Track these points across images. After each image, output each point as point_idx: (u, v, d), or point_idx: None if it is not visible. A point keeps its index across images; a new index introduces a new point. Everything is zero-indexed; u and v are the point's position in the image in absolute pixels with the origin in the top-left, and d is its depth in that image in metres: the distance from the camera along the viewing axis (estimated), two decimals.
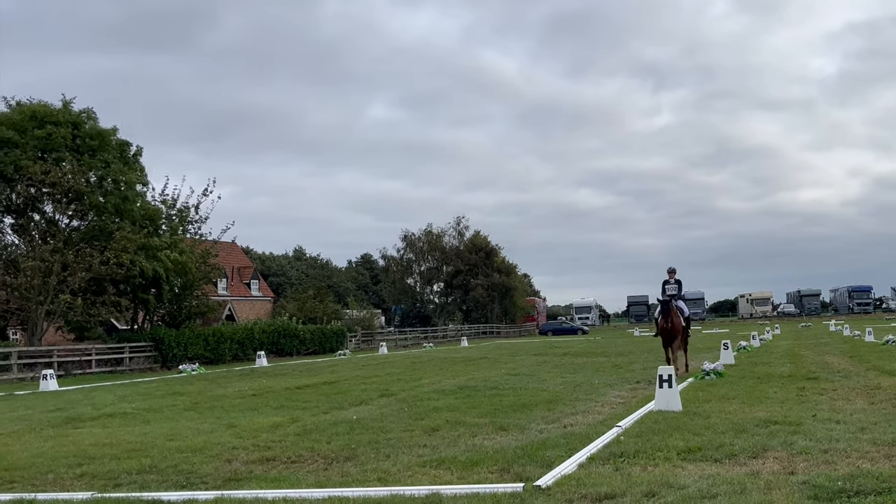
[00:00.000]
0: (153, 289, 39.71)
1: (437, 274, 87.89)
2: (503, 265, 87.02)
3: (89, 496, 8.18)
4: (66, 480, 9.39)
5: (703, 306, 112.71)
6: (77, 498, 8.12)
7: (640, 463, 8.58)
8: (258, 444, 11.40)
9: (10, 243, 38.45)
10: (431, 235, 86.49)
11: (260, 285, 77.47)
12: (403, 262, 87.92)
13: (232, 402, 18.13)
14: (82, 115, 37.96)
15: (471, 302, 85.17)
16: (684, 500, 6.79)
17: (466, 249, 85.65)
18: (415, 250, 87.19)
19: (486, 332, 79.11)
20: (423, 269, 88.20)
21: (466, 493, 7.37)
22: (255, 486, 8.45)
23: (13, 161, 34.77)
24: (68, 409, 18.10)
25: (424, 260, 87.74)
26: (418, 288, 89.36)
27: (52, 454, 11.21)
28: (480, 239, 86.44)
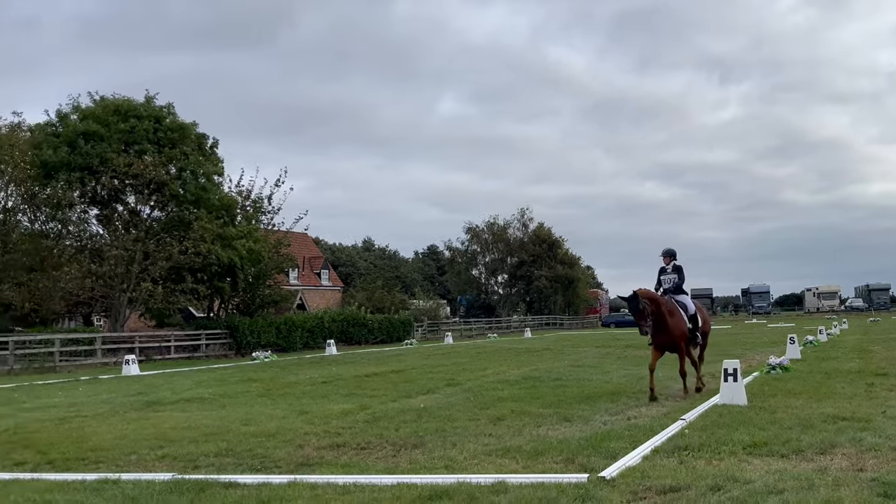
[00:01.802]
0: (229, 277, 40.30)
1: (502, 265, 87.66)
2: (566, 257, 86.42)
3: (170, 477, 8.35)
4: (148, 462, 9.60)
5: (768, 300, 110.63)
6: (159, 479, 8.28)
7: (704, 456, 8.45)
8: (329, 430, 11.51)
9: (95, 233, 39.42)
10: (496, 227, 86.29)
11: (330, 275, 78.21)
12: (468, 253, 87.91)
13: (303, 389, 18.34)
14: (163, 109, 38.70)
15: (534, 293, 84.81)
16: (750, 495, 6.67)
17: (530, 241, 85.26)
18: (479, 242, 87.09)
19: (549, 324, 78.72)
20: (488, 261, 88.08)
21: (532, 483, 7.34)
22: (326, 471, 8.53)
23: (99, 154, 35.56)
24: (149, 394, 18.50)
25: (489, 251, 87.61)
26: (483, 279, 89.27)
27: (134, 436, 11.47)
28: (544, 231, 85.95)
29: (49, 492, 7.86)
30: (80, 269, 36.58)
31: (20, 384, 23.39)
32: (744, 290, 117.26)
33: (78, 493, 7.74)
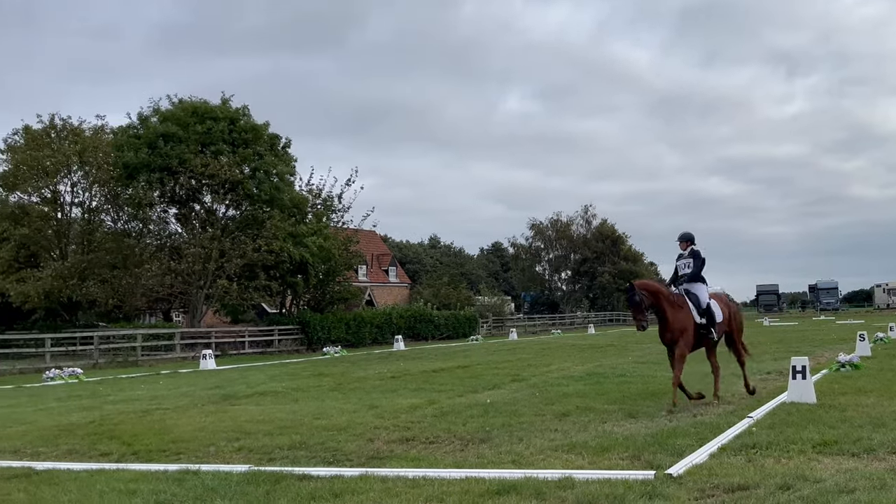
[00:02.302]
0: (300, 274, 40.73)
1: (565, 262, 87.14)
2: (630, 253, 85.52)
3: (247, 469, 8.47)
4: (225, 453, 9.75)
5: (836, 296, 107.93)
6: (236, 470, 8.40)
7: (773, 455, 8.26)
8: (398, 424, 11.56)
9: (174, 232, 40.21)
10: (559, 224, 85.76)
11: (397, 272, 78.64)
12: (532, 250, 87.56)
13: (373, 384, 18.46)
14: (238, 111, 39.20)
15: (597, 289, 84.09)
16: (821, 494, 6.50)
17: (593, 238, 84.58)
18: (543, 238, 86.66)
19: (613, 320, 77.98)
20: (552, 257, 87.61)
21: (598, 478, 7.28)
22: (396, 464, 8.56)
23: (177, 155, 36.21)
24: (225, 387, 18.82)
25: (552, 248, 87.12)
26: (546, 275, 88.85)
27: (212, 428, 11.67)
28: (607, 227, 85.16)
29: (134, 481, 8.04)
30: (160, 266, 37.40)
31: (105, 377, 24.02)
32: (811, 286, 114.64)
33: (161, 483, 7.90)
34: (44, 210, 39.85)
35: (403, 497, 7.02)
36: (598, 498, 6.66)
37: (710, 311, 12.63)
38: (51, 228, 39.92)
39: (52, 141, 38.96)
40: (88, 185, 40.12)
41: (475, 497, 6.91)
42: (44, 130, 39.40)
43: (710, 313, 12.62)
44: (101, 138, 39.96)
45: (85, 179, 39.96)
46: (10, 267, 38.26)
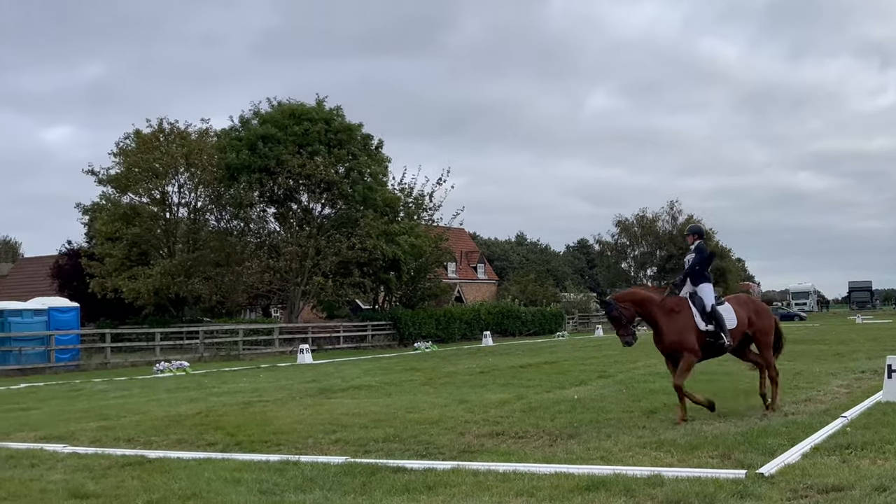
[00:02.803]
0: (392, 271, 41.01)
1: (651, 258, 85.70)
2: (717, 249, 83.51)
3: (344, 460, 8.58)
4: (323, 445, 9.90)
5: None
6: (334, 461, 8.52)
7: (868, 455, 7.94)
8: (488, 418, 11.55)
9: (272, 230, 40.95)
10: (645, 220, 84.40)
11: (485, 269, 78.64)
12: (618, 246, 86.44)
13: (462, 379, 18.49)
14: (332, 112, 39.47)
15: None
16: None
17: (679, 234, 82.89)
18: (629, 235, 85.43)
19: None
20: (637, 254, 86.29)
21: (688, 476, 7.12)
22: (486, 458, 8.55)
23: (276, 156, 36.80)
24: (322, 381, 19.11)
25: (638, 245, 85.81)
26: (632, 272, 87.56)
27: (310, 421, 11.86)
28: (694, 223, 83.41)
29: (238, 471, 8.23)
30: (260, 264, 38.19)
31: (209, 370, 24.66)
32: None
33: (263, 473, 8.07)
34: (153, 210, 41.12)
35: (495, 491, 7.02)
36: (688, 496, 6.52)
37: (717, 314, 10.97)
38: (159, 228, 41.19)
39: (161, 144, 40.15)
40: (194, 185, 41.28)
41: (565, 492, 6.86)
42: (153, 134, 40.62)
43: (717, 317, 10.96)
44: (205, 141, 40.98)
45: (191, 180, 41.13)
46: (122, 265, 39.61)
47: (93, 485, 7.82)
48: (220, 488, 7.47)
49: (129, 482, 7.91)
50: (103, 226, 39.98)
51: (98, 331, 32.50)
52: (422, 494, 7.03)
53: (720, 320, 10.98)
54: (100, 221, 40.51)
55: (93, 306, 40.03)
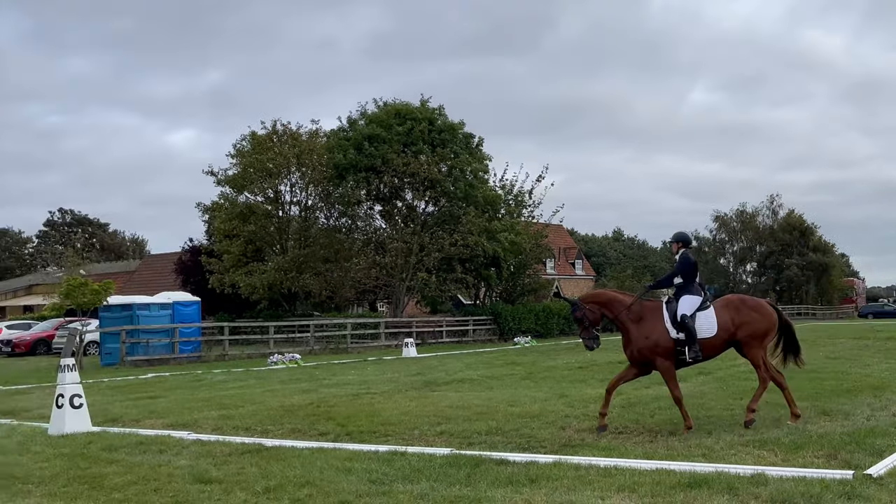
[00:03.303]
0: (493, 267, 41.03)
1: (750, 254, 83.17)
2: (819, 244, 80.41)
3: (448, 452, 8.64)
4: (429, 437, 9.99)
5: None
6: (439, 453, 8.59)
7: None
8: (587, 413, 11.45)
9: (378, 227, 41.47)
10: (744, 215, 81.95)
11: (583, 265, 77.89)
12: (716, 242, 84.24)
13: (561, 374, 18.37)
14: (435, 111, 39.64)
15: (784, 282, 79.67)
16: None
17: (780, 229, 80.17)
18: (727, 230, 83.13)
19: (801, 314, 73.56)
20: (736, 249, 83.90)
21: (793, 476, 6.89)
22: (587, 453, 8.47)
23: (381, 155, 37.19)
24: (426, 374, 19.26)
25: (737, 240, 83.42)
26: (731, 268, 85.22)
27: (416, 413, 11.97)
28: (795, 218, 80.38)
29: (349, 460, 8.38)
30: (367, 260, 38.76)
31: (320, 363, 25.16)
32: None
33: (372, 463, 8.20)
34: (267, 208, 42.14)
35: (597, 485, 6.95)
36: (793, 496, 6.32)
37: (686, 325, 9.95)
38: (273, 225, 42.20)
39: (274, 145, 41.11)
40: (305, 184, 42.15)
41: (667, 489, 6.74)
42: (267, 136, 41.62)
43: (687, 328, 9.95)
44: (315, 141, 41.76)
45: (302, 180, 42.01)
46: (239, 261, 40.80)
47: (215, 471, 8.09)
48: (333, 477, 7.63)
49: (248, 469, 8.15)
50: (221, 224, 41.22)
51: (217, 324, 33.54)
52: (525, 487, 7.02)
53: (690, 331, 9.99)
54: (218, 220, 41.77)
55: (212, 300, 41.28)
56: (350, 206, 39.03)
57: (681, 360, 10.21)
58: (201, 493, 7.21)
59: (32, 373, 24.17)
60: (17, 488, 7.63)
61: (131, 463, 8.68)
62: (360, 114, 39.59)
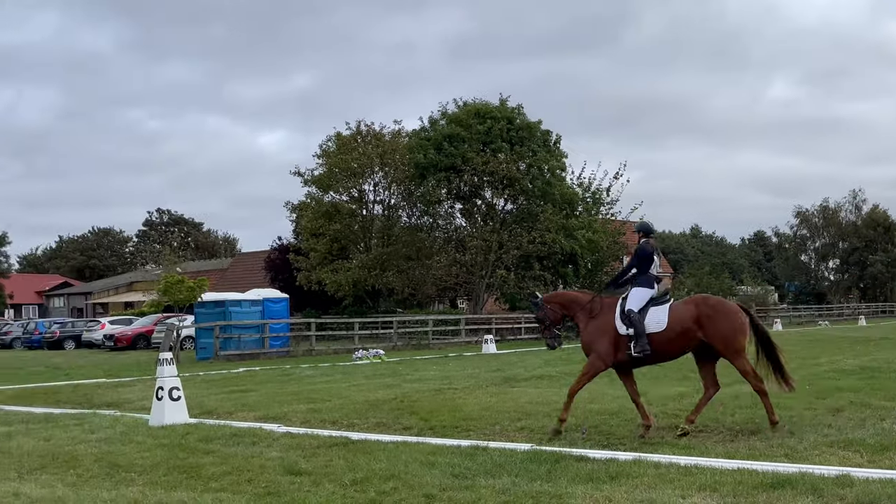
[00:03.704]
0: (570, 265, 40.69)
1: (832, 250, 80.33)
2: None
3: (529, 447, 8.60)
4: (509, 432, 9.97)
5: None
6: (520, 448, 8.56)
7: None
8: (666, 411, 11.27)
9: (459, 226, 41.55)
10: (827, 211, 79.14)
11: (660, 262, 76.45)
12: (797, 238, 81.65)
13: (640, 371, 17.77)
14: (514, 110, 39.48)
15: (868, 279, 76.73)
16: None
17: (864, 225, 77.10)
18: (809, 226, 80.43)
19: (886, 311, 70.59)
20: (818, 246, 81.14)
21: (880, 478, 6.64)
22: (667, 451, 8.34)
23: (461, 154, 37.25)
24: (505, 370, 19.22)
25: (819, 236, 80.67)
26: (812, 265, 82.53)
27: (496, 408, 11.96)
28: (879, 213, 77.19)
29: (432, 454, 8.42)
30: (448, 257, 38.90)
31: (402, 358, 25.35)
32: None
33: (455, 457, 8.22)
34: (352, 208, 42.67)
35: (677, 484, 6.83)
36: (879, 498, 6.10)
37: (633, 318, 9.59)
38: (357, 224, 42.70)
39: (359, 145, 41.59)
40: (388, 184, 42.54)
41: (749, 489, 6.58)
42: (352, 136, 42.14)
43: (633, 321, 9.58)
44: (398, 142, 42.07)
45: (385, 179, 42.41)
46: (325, 259, 41.43)
47: (304, 463, 8.24)
48: (417, 470, 7.69)
49: (336, 462, 8.27)
50: (308, 223, 41.93)
51: (304, 320, 34.11)
52: (605, 484, 6.95)
53: (636, 324, 9.56)
54: (305, 219, 42.49)
55: (299, 297, 41.98)
56: (431, 204, 39.22)
57: (636, 359, 9.88)
58: (291, 484, 7.35)
59: (134, 366, 25.02)
60: (121, 476, 7.91)
61: (226, 454, 8.89)
62: (440, 114, 39.79)
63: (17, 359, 32.66)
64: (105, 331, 40.35)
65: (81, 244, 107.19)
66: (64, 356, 33.82)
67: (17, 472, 8.19)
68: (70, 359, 31.20)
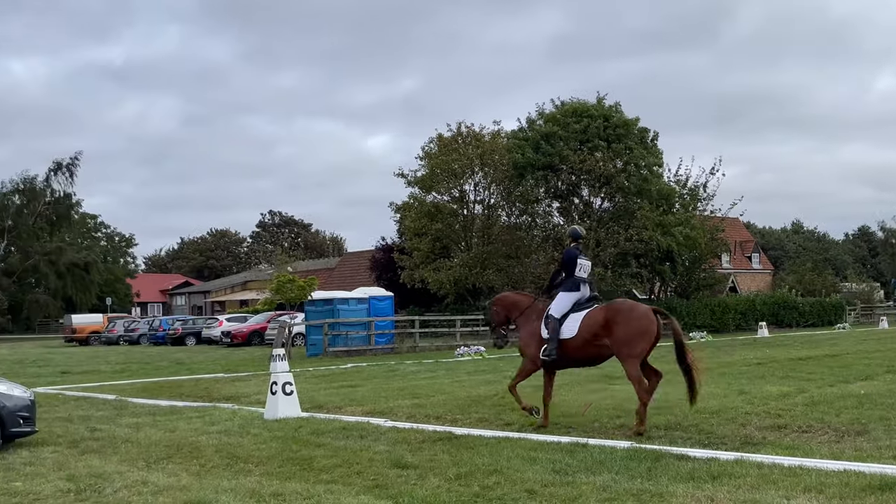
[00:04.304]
0: (667, 262, 39.78)
1: None
2: None
3: (629, 445, 8.48)
4: (608, 430, 9.86)
5: None
6: (620, 446, 8.46)
7: None
8: (768, 411, 10.90)
9: (556, 224, 41.16)
10: None
11: (760, 258, 74.03)
12: None
13: (739, 370, 17.55)
14: (611, 108, 38.83)
15: None
16: None
17: None
18: None
19: None
20: None
21: None
22: (770, 451, 8.09)
23: (558, 152, 36.84)
24: (602, 367, 18.89)
25: None
26: None
27: (595, 405, 11.79)
28: None
29: (533, 450, 8.41)
30: (545, 255, 38.58)
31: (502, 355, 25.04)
32: None
33: (556, 454, 8.18)
34: (453, 207, 42.84)
35: (781, 485, 6.62)
36: None
37: (548, 323, 10.02)
38: (458, 223, 42.88)
39: (459, 146, 41.73)
40: (487, 184, 42.54)
41: (856, 491, 6.33)
42: (452, 138, 42.30)
43: (548, 326, 10.01)
44: (497, 142, 41.97)
45: (485, 179, 42.42)
46: (427, 258, 41.78)
47: (410, 456, 8.34)
48: (519, 466, 7.69)
49: (441, 456, 8.34)
50: (411, 223, 42.36)
51: (408, 317, 34.48)
52: (706, 483, 6.80)
53: (550, 330, 9.96)
54: (408, 219, 42.94)
55: (403, 295, 42.41)
56: (529, 203, 39.05)
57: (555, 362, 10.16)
58: (398, 477, 7.46)
59: (249, 361, 25.81)
60: (239, 467, 8.19)
61: (336, 447, 9.09)
62: (537, 114, 39.55)
63: (143, 354, 34.16)
64: (222, 328, 41.63)
65: (200, 245, 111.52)
66: (186, 352, 35.16)
67: (145, 462, 8.57)
68: (191, 354, 32.42)
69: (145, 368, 24.30)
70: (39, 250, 67.08)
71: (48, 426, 11.04)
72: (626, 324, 9.69)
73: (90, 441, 10.00)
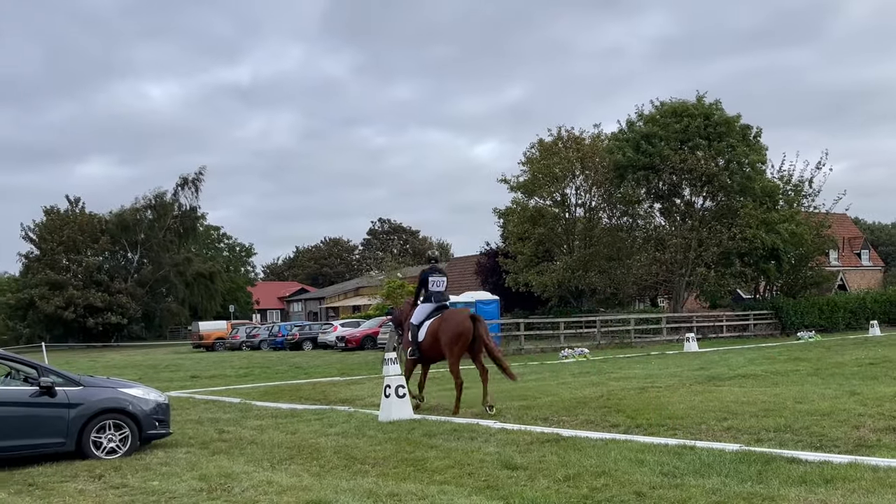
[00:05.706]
0: (773, 260, 38.25)
1: None
2: None
3: (738, 448, 8.25)
4: (715, 431, 9.60)
5: None
6: (728, 448, 8.23)
7: None
8: (883, 412, 10.38)
9: (658, 225, 40.28)
10: None
11: (870, 255, 70.31)
12: None
13: (850, 370, 16.75)
14: (711, 106, 37.66)
15: None
16: None
17: None
18: None
19: None
20: None
21: None
22: (885, 454, 7.73)
23: (658, 152, 36.00)
24: (708, 369, 18.45)
25: None
26: None
27: (701, 407, 11.53)
28: None
29: (640, 452, 8.28)
30: (647, 257, 37.82)
31: (606, 357, 24.99)
32: None
33: (663, 456, 8.04)
34: (555, 211, 42.45)
35: None
36: None
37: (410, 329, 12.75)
38: (560, 227, 42.48)
39: (560, 150, 41.37)
40: (588, 187, 42.01)
41: None
42: (553, 142, 41.97)
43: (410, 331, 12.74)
44: (597, 145, 41.37)
45: (586, 182, 41.89)
46: (530, 261, 41.61)
47: (519, 458, 8.36)
48: (626, 468, 7.59)
49: (549, 457, 8.32)
50: (514, 227, 42.25)
51: (513, 320, 34.40)
52: (819, 487, 6.55)
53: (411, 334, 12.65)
54: (511, 223, 42.84)
55: (508, 299, 42.35)
56: (630, 204, 38.41)
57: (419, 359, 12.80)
58: (509, 478, 7.49)
59: (362, 365, 26.29)
60: (357, 468, 8.38)
61: (448, 448, 9.18)
62: (637, 115, 38.84)
63: (264, 359, 35.29)
64: (337, 333, 42.45)
65: (315, 253, 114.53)
66: (303, 356, 36.09)
67: (270, 462, 8.88)
68: (308, 359, 33.25)
69: (266, 372, 25.08)
70: (169, 262, 70.21)
71: (181, 428, 11.59)
72: (446, 330, 12.09)
73: (219, 442, 10.44)
